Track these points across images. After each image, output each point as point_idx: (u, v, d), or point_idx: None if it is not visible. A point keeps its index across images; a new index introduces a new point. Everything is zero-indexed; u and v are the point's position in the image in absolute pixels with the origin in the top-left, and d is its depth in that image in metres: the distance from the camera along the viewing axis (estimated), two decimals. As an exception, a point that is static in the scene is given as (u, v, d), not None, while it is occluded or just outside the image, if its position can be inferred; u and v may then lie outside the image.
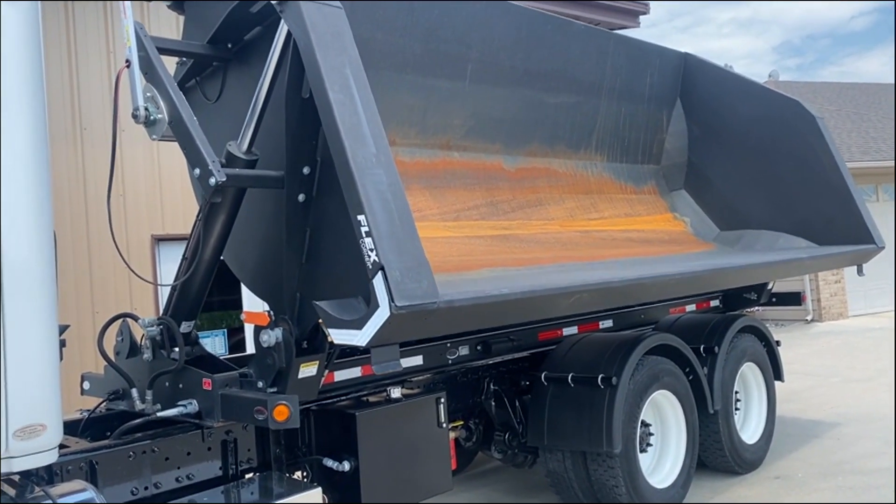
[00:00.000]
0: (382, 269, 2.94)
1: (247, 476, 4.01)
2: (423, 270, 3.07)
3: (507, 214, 5.35)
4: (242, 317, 3.82)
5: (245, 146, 3.56)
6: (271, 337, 3.61)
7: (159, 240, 8.13)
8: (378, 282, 2.96)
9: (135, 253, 7.93)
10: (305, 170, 3.47)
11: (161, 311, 4.30)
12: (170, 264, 8.13)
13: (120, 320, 4.25)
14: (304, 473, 4.25)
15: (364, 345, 3.08)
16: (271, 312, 3.73)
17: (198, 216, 3.75)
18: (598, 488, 5.02)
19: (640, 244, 6.13)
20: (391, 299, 2.92)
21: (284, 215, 3.51)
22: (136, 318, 4.14)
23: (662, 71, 6.70)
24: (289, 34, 3.36)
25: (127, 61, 3.52)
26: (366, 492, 4.04)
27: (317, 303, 3.22)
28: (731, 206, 7.00)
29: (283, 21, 3.37)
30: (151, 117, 3.53)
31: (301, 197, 3.48)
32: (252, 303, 8.10)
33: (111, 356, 4.14)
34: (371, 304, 3.00)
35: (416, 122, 4.86)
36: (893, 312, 14.96)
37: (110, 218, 3.83)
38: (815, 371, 10.33)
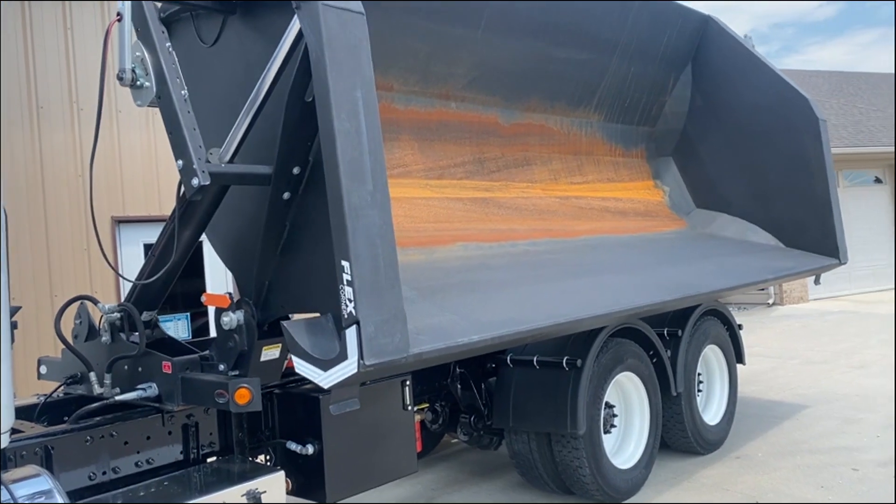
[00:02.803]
0: (357, 323, 2.88)
1: (209, 460, 3.97)
2: (398, 323, 3.02)
3: (491, 174, 5.31)
4: (203, 299, 3.75)
5: (229, 155, 3.34)
6: (232, 319, 3.57)
7: (119, 221, 7.97)
8: (351, 335, 2.90)
9: (94, 235, 7.77)
10: (295, 170, 3.33)
11: (122, 298, 4.20)
12: (130, 246, 7.98)
13: (78, 303, 4.15)
14: (268, 457, 4.21)
15: (325, 387, 3.06)
16: (232, 294, 3.67)
17: (173, 213, 3.59)
18: (563, 469, 5.06)
19: (614, 216, 6.16)
20: (360, 356, 2.88)
21: (266, 208, 3.40)
22: (95, 302, 4.05)
23: (681, 32, 6.50)
24: (300, 33, 3.09)
25: (118, 14, 3.26)
26: (330, 475, 4.01)
27: (284, 323, 3.16)
28: (712, 185, 6.99)
29: (296, 17, 3.09)
30: (138, 82, 3.24)
31: (286, 195, 3.37)
32: (216, 288, 8.00)
33: (69, 339, 4.05)
34: (339, 353, 2.95)
35: (418, 69, 4.68)
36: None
37: (91, 188, 3.67)
38: (776, 353, 10.52)
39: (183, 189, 3.25)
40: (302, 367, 3.09)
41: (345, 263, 2.89)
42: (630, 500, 5.26)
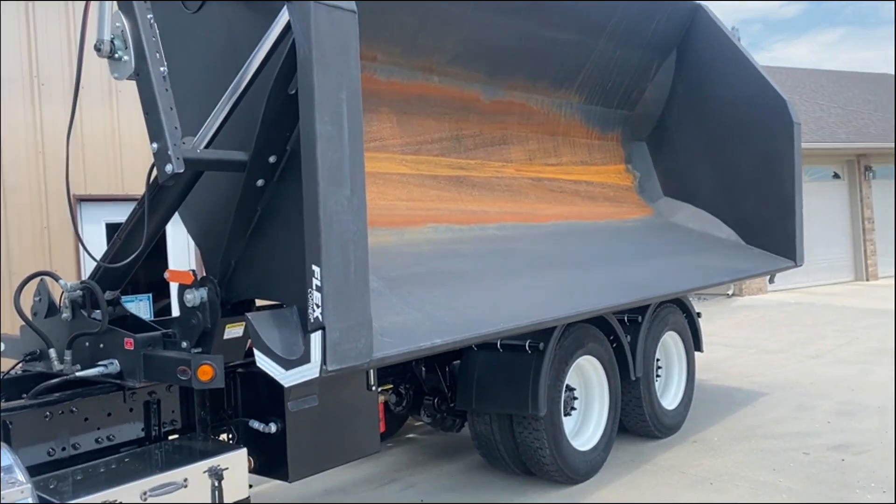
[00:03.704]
0: (323, 328, 2.87)
1: (170, 438, 3.96)
2: (364, 329, 3.02)
3: (468, 152, 5.32)
4: (166, 275, 3.73)
5: (206, 141, 3.27)
6: (196, 296, 3.56)
7: (81, 200, 7.83)
8: (315, 339, 2.90)
9: (55, 213, 7.63)
10: (272, 158, 3.27)
11: (83, 276, 4.15)
12: (92, 225, 7.85)
13: (38, 279, 4.10)
14: (230, 436, 4.21)
15: (285, 385, 3.07)
16: (195, 271, 3.66)
17: (143, 197, 3.52)
18: (524, 450, 5.14)
19: (584, 200, 6.22)
20: (324, 361, 2.88)
21: (239, 192, 3.36)
22: (56, 278, 4.01)
23: (670, 18, 6.49)
24: (288, 24, 3.00)
25: None
26: (292, 453, 4.03)
27: (249, 315, 3.14)
28: (682, 174, 7.05)
29: (285, 9, 3.00)
30: (117, 54, 3.14)
31: (260, 182, 3.32)
32: (178, 264, 7.92)
33: (28, 316, 4.00)
34: (302, 355, 2.95)
35: (404, 41, 4.60)
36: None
37: (68, 162, 3.58)
38: (733, 342, 10.75)
39: (155, 173, 3.17)
40: (263, 363, 3.07)
41: (315, 268, 2.87)
42: (588, 481, 5.36)
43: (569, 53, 5.84)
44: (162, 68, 3.13)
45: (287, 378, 3.01)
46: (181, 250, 8.18)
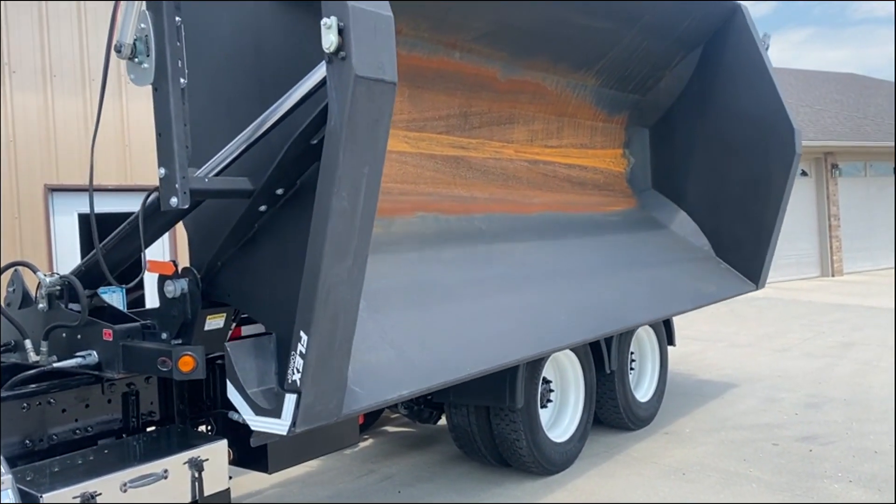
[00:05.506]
0: (299, 393, 2.89)
1: (148, 429, 3.94)
2: (338, 391, 3.03)
3: (472, 130, 5.28)
4: (146, 265, 3.70)
5: (215, 171, 3.18)
6: (176, 288, 3.52)
7: (53, 190, 7.72)
8: (290, 400, 2.92)
9: (26, 204, 7.51)
10: (279, 191, 3.21)
11: (55, 268, 4.10)
12: (64, 217, 7.74)
13: (11, 270, 4.05)
14: (209, 427, 4.20)
15: (252, 428, 3.10)
16: (177, 262, 3.64)
17: (138, 215, 3.44)
18: (500, 441, 5.19)
19: (573, 187, 6.24)
20: (293, 423, 2.91)
21: (240, 212, 3.30)
22: (34, 269, 3.96)
23: (707, 16, 6.33)
24: (323, 80, 2.83)
25: None
26: (272, 445, 4.04)
27: (228, 345, 3.15)
28: (674, 172, 7.05)
29: (323, 66, 2.80)
30: (137, 60, 2.92)
31: (263, 208, 3.27)
32: (153, 255, 7.83)
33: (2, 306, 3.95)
34: (274, 409, 2.98)
35: (433, 17, 4.49)
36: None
37: (92, 165, 3.50)
38: (705, 336, 10.92)
39: (156, 195, 3.06)
40: (234, 398, 3.07)
41: (303, 335, 2.85)
42: (564, 472, 5.43)
43: (596, 40, 5.72)
44: (182, 80, 2.91)
45: (255, 422, 3.05)
46: (154, 245, 8.09)
